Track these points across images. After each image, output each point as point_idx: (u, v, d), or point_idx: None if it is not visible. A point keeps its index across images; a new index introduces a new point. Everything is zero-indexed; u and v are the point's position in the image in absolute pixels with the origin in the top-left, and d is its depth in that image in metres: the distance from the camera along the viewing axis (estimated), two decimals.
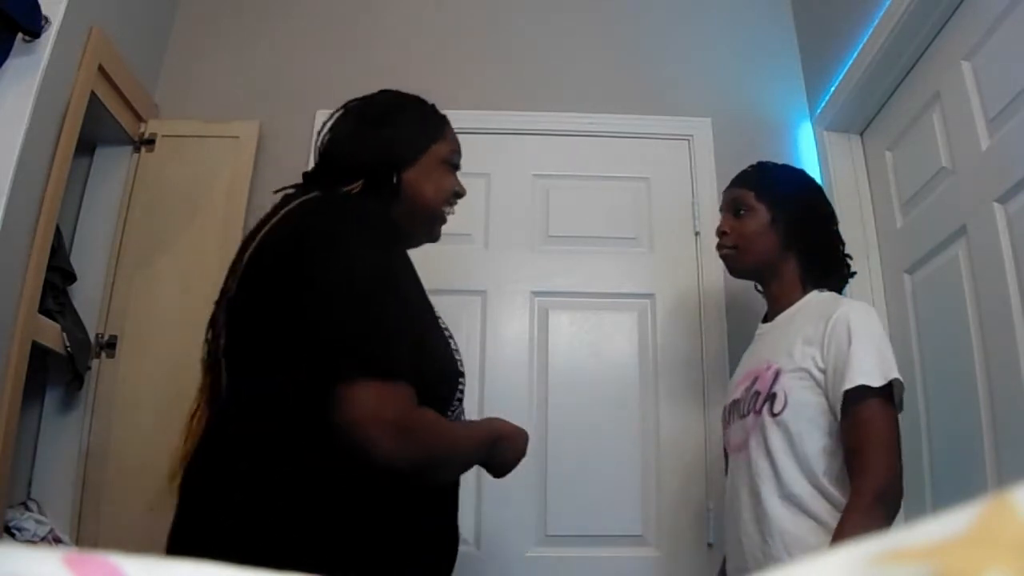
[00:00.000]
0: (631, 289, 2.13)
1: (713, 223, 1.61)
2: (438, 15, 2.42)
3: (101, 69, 1.82)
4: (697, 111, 2.29)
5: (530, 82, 2.33)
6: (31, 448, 1.81)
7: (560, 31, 2.41)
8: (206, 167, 2.12)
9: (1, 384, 1.48)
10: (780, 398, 1.30)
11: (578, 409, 2.01)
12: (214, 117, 2.20)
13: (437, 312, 1.17)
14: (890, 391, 1.24)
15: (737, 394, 1.45)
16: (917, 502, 1.63)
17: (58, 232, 1.78)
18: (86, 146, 1.99)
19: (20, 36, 1.54)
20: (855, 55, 1.95)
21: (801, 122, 2.28)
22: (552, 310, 2.12)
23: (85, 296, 1.93)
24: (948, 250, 1.66)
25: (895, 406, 1.26)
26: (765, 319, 1.53)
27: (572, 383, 2.05)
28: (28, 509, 1.72)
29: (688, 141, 2.26)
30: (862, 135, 2.14)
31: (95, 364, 1.91)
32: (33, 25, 1.55)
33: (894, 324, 1.87)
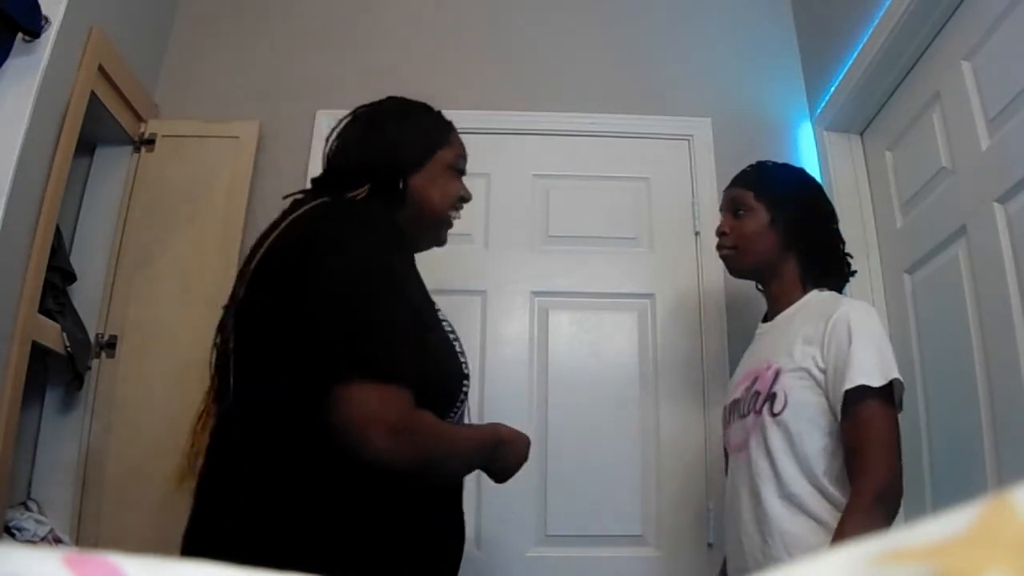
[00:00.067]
0: (631, 289, 2.13)
1: (713, 223, 1.61)
2: (438, 15, 2.42)
3: (101, 69, 1.82)
4: (697, 111, 2.29)
5: (530, 82, 2.33)
6: (31, 448, 1.81)
7: (560, 31, 2.41)
8: (206, 167, 2.12)
9: (1, 384, 1.48)
10: (780, 398, 1.30)
11: (578, 409, 2.02)
12: (214, 117, 2.20)
13: (443, 315, 1.18)
14: (890, 391, 1.24)
15: (737, 394, 1.45)
16: (917, 502, 1.63)
17: (58, 232, 1.78)
18: (86, 146, 1.99)
19: (20, 36, 1.54)
20: (855, 55, 1.95)
21: (801, 122, 2.28)
22: (552, 310, 2.12)
23: (85, 296, 1.93)
24: (948, 250, 1.66)
25: (895, 406, 1.26)
26: (765, 319, 1.53)
27: (572, 383, 2.05)
28: (28, 509, 1.72)
29: (688, 141, 2.26)
30: (862, 135, 2.14)
31: (95, 364, 1.91)
32: (33, 25, 1.55)
33: (894, 324, 1.87)
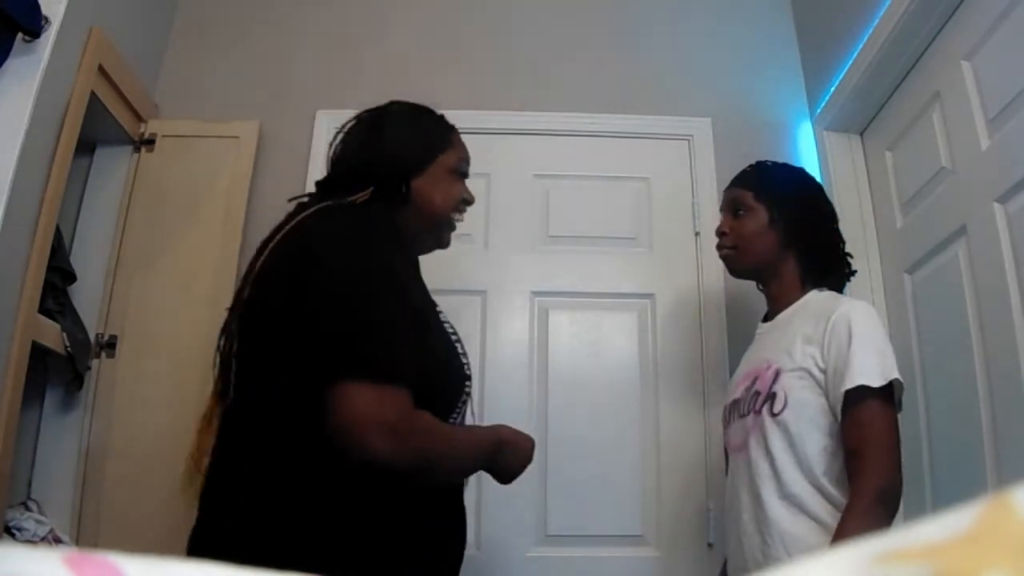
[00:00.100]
0: (631, 289, 2.13)
1: (713, 223, 1.61)
2: (438, 15, 2.42)
3: (101, 69, 1.82)
4: (697, 111, 2.29)
5: (530, 82, 2.33)
6: (31, 448, 1.81)
7: (560, 31, 2.40)
8: (206, 167, 2.12)
9: (1, 384, 1.48)
10: (780, 398, 1.30)
11: (578, 409, 2.01)
12: (214, 117, 2.20)
13: (444, 317, 1.18)
14: (890, 391, 1.24)
15: (737, 394, 1.45)
16: (917, 502, 1.63)
17: (58, 232, 1.78)
18: (86, 146, 1.99)
19: (20, 36, 1.54)
20: (855, 55, 1.95)
21: (801, 122, 2.28)
22: (552, 310, 2.12)
23: (85, 296, 1.93)
24: (948, 250, 1.66)
25: (895, 406, 1.26)
26: (765, 319, 1.53)
27: (572, 383, 2.05)
28: (28, 509, 1.72)
29: (688, 141, 2.26)
30: (862, 135, 2.14)
31: (95, 364, 1.91)
32: (33, 25, 1.54)
33: (894, 324, 1.87)
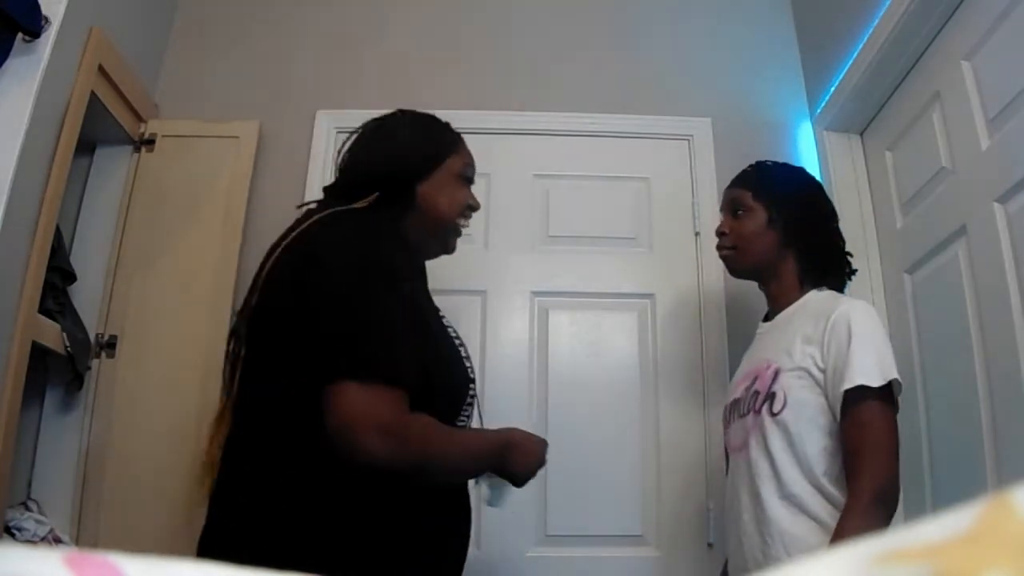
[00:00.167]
0: (631, 289, 2.13)
1: (713, 223, 1.61)
2: (438, 15, 2.42)
3: (101, 69, 1.82)
4: (697, 111, 2.29)
5: (530, 82, 2.33)
6: (31, 448, 1.81)
7: (560, 31, 2.40)
8: (206, 167, 2.12)
9: (1, 384, 1.48)
10: (779, 397, 1.30)
11: (578, 409, 2.01)
12: (214, 117, 2.20)
13: (448, 322, 1.19)
14: (889, 391, 1.24)
15: (737, 393, 1.45)
16: (917, 502, 1.63)
17: (58, 232, 1.78)
18: (86, 146, 1.99)
19: (20, 36, 1.53)
20: (855, 55, 1.95)
21: (801, 122, 2.28)
22: (552, 310, 2.12)
23: (85, 296, 1.93)
24: (948, 250, 1.66)
25: (894, 406, 1.26)
26: (766, 319, 1.53)
27: (572, 383, 2.04)
28: (28, 509, 1.72)
29: (688, 141, 2.26)
30: (862, 135, 2.14)
31: (95, 364, 1.91)
32: (33, 25, 1.54)
33: (894, 324, 1.87)
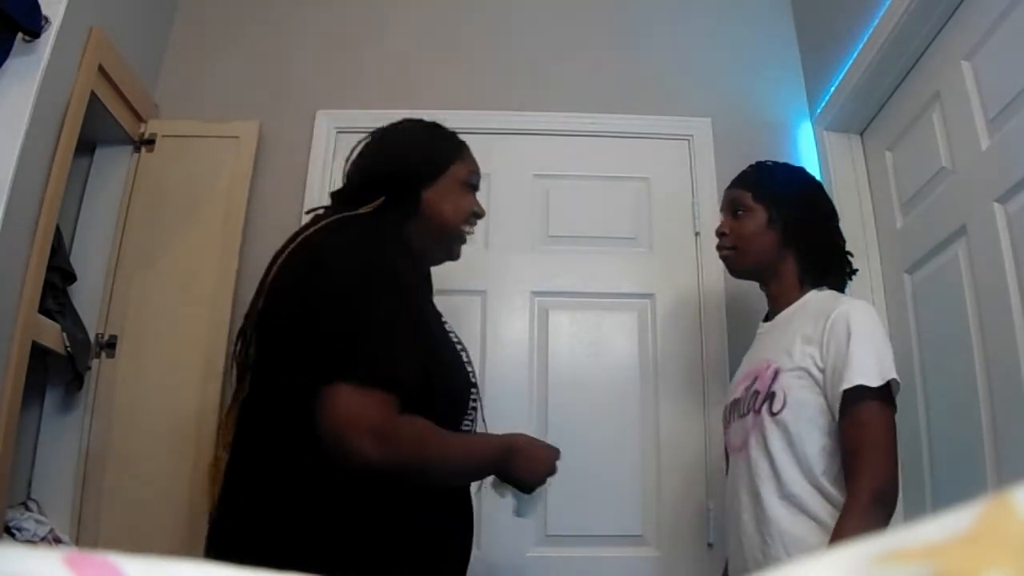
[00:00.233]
0: (631, 289, 2.13)
1: (713, 223, 1.61)
2: (438, 15, 2.42)
3: (101, 69, 1.82)
4: (697, 111, 2.29)
5: (530, 82, 2.33)
6: (31, 448, 1.81)
7: (560, 31, 2.40)
8: (206, 167, 2.12)
9: (1, 384, 1.48)
10: (779, 397, 1.30)
11: (578, 409, 2.01)
12: (214, 117, 2.20)
13: (449, 327, 1.20)
14: (889, 391, 1.24)
15: (737, 393, 1.45)
16: (917, 502, 1.63)
17: (58, 232, 1.78)
18: (86, 146, 1.99)
19: (20, 36, 1.53)
20: (855, 55, 1.95)
21: (801, 122, 2.28)
22: (552, 310, 2.12)
23: (85, 296, 1.93)
24: (948, 250, 1.66)
25: (893, 406, 1.26)
26: (766, 319, 1.53)
27: (572, 383, 2.04)
28: (28, 509, 1.72)
29: (688, 141, 2.26)
30: (862, 135, 2.14)
31: (95, 364, 1.91)
32: (33, 25, 1.54)
33: (894, 324, 1.87)
